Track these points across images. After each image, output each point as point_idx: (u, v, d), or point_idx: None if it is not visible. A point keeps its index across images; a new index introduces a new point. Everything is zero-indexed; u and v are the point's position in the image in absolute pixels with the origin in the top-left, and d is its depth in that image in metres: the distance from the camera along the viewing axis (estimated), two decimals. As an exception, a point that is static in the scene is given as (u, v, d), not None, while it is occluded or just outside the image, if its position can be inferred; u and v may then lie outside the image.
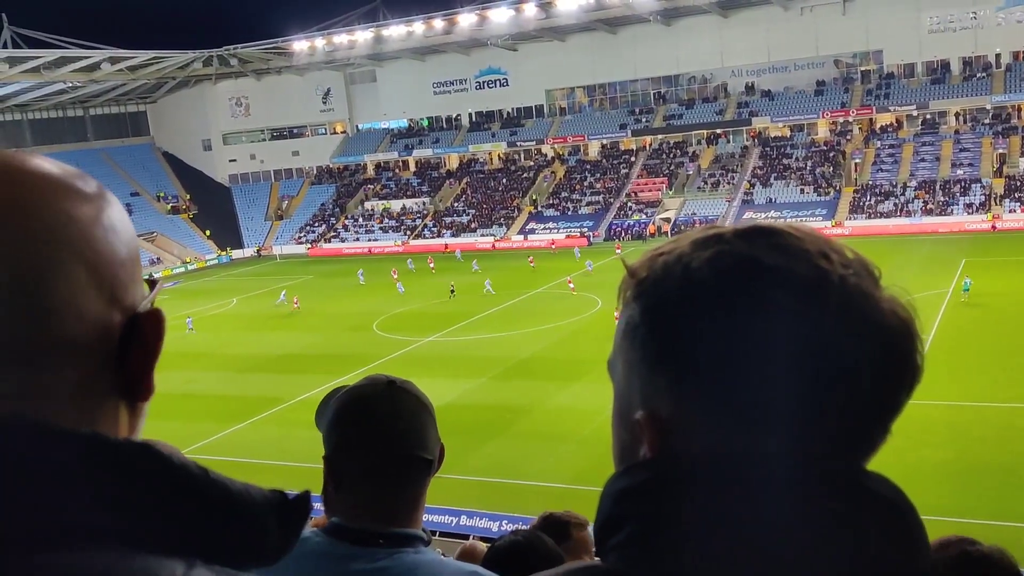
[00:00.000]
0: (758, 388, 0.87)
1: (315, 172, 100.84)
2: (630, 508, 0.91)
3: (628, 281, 0.97)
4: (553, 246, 72.73)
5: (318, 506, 1.81)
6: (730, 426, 0.89)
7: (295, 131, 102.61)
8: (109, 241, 0.89)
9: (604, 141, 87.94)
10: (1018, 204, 65.12)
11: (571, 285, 52.60)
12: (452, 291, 54.13)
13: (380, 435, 2.01)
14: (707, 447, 0.90)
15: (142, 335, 0.92)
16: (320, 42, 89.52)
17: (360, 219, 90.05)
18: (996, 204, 65.86)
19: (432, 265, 66.34)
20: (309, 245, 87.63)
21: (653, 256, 0.97)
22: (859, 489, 0.89)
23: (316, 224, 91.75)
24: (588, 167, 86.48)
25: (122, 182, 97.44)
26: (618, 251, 66.07)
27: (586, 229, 76.71)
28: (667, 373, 0.92)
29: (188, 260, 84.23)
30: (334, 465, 2.04)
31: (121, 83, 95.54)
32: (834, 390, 0.87)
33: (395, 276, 60.03)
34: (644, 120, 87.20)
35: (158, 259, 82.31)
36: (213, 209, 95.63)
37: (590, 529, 4.25)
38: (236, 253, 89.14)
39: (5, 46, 78.77)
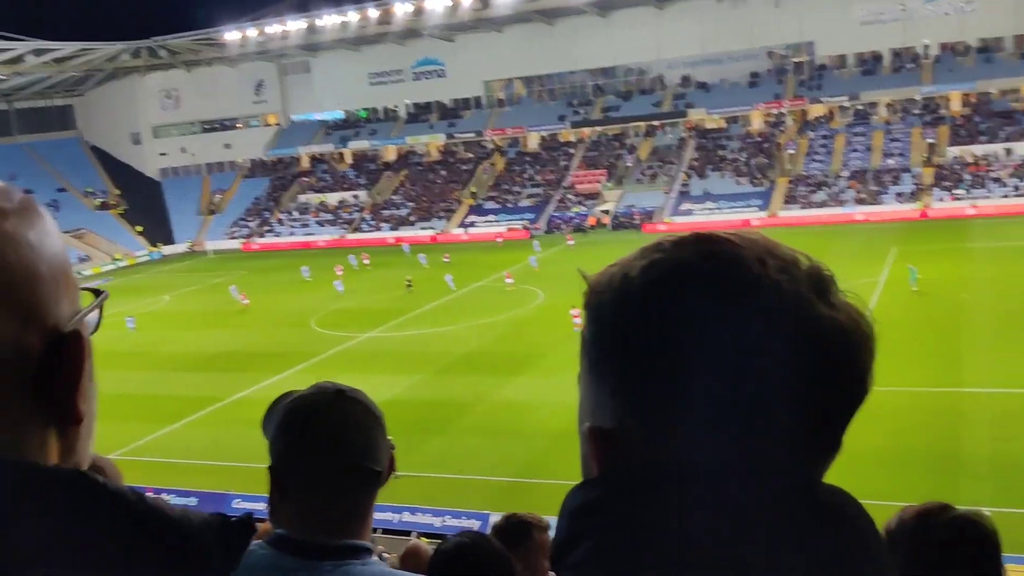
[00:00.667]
0: (693, 397, 0.86)
1: (248, 165, 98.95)
2: (585, 525, 0.89)
3: (586, 292, 0.97)
4: (499, 240, 72.24)
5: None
6: (673, 437, 0.88)
7: (227, 123, 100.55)
8: (23, 258, 0.85)
9: (543, 133, 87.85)
10: (947, 193, 66.65)
11: (509, 280, 51.93)
12: (408, 284, 52.97)
13: (326, 445, 1.95)
14: (655, 459, 0.89)
15: (62, 358, 0.88)
16: (252, 32, 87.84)
17: (295, 213, 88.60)
18: (926, 193, 67.33)
19: (367, 262, 64.77)
20: (243, 240, 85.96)
21: (607, 267, 0.96)
22: (811, 501, 0.87)
23: (250, 218, 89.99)
24: (528, 159, 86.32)
25: (48, 177, 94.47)
26: (570, 242, 66.20)
27: (527, 222, 76.55)
28: (607, 384, 0.91)
29: (118, 257, 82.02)
30: (278, 474, 1.98)
31: (46, 76, 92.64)
32: (765, 398, 0.86)
33: (340, 273, 58.66)
34: (583, 112, 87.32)
35: (87, 257, 79.98)
36: (143, 204, 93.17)
37: (551, 532, 4.01)
38: (167, 249, 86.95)
39: (-80, 36, 75.73)
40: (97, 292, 0.96)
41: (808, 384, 0.86)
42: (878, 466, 22.55)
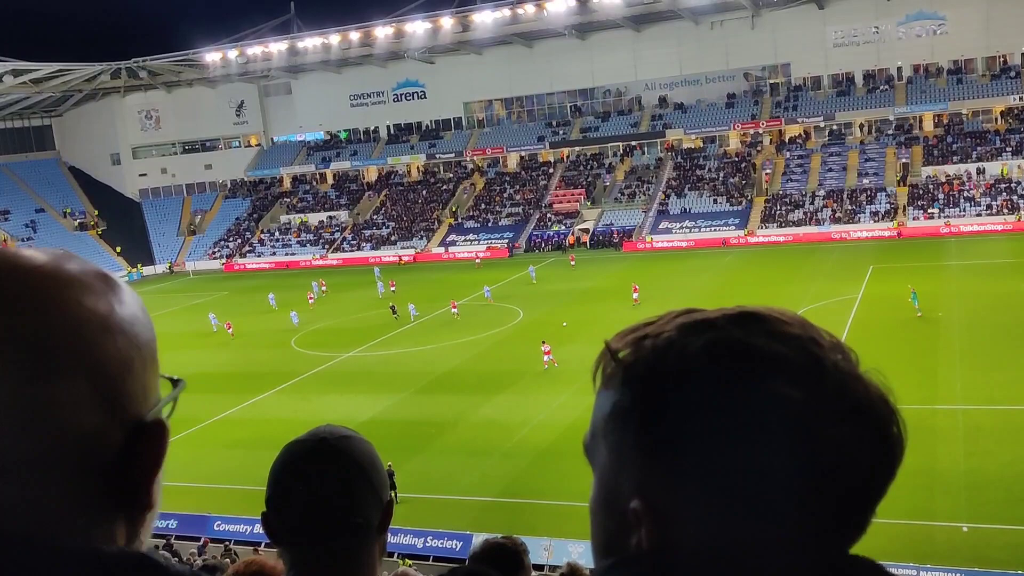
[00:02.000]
0: (759, 477, 0.86)
1: (229, 186, 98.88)
2: None
3: (610, 362, 0.95)
4: (478, 260, 72.31)
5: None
6: (729, 516, 0.87)
7: (208, 144, 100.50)
8: (118, 348, 0.86)
9: (523, 153, 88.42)
10: (921, 212, 67.57)
11: (455, 310, 49.92)
12: (394, 311, 51.12)
13: (305, 497, 1.87)
14: (704, 538, 0.88)
15: (143, 449, 0.89)
16: (233, 54, 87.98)
17: (276, 233, 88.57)
18: (901, 212, 68.23)
19: (324, 288, 62.74)
20: (224, 260, 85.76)
21: (637, 338, 0.95)
22: None
23: (231, 239, 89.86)
24: (507, 179, 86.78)
25: (26, 198, 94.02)
26: (572, 262, 65.19)
27: (507, 241, 76.89)
28: (665, 461, 0.90)
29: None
30: (267, 520, 1.92)
31: (24, 96, 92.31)
32: (833, 476, 0.86)
33: (311, 301, 58.19)
34: (561, 132, 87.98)
35: (65, 277, 79.38)
36: (123, 225, 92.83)
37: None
38: (147, 270, 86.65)
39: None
40: (175, 381, 0.96)
41: (870, 460, 0.88)
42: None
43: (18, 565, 0.78)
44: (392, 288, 60.23)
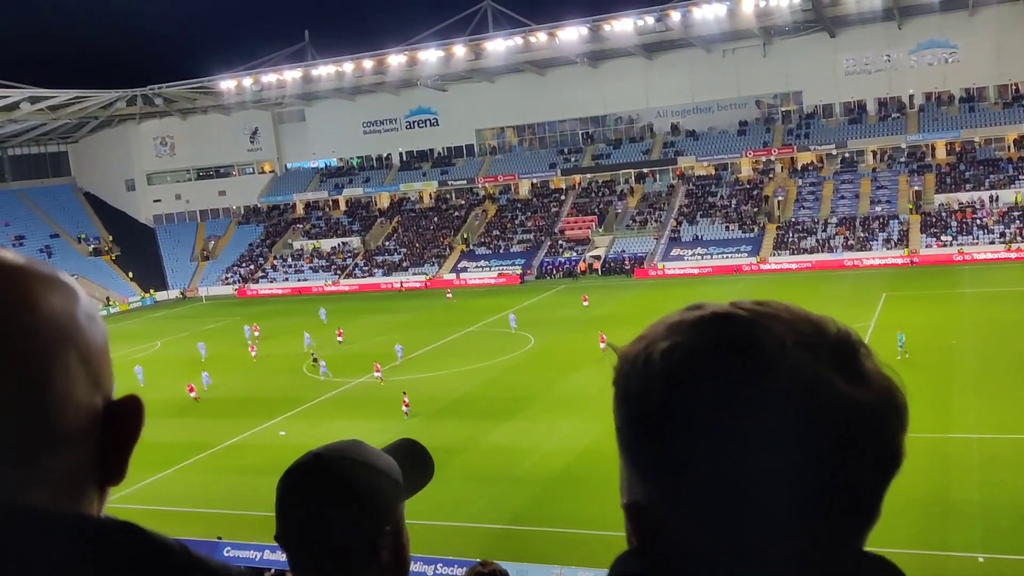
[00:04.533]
0: (717, 482, 0.86)
1: (242, 212, 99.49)
2: None
3: (616, 363, 0.96)
4: (449, 294, 69.22)
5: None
6: (704, 519, 0.88)
7: (222, 171, 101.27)
8: (92, 330, 0.93)
9: (534, 180, 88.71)
10: (934, 239, 67.39)
11: (378, 374, 42.87)
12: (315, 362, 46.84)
13: (289, 516, 1.79)
14: (690, 539, 0.89)
15: (123, 421, 0.94)
16: (247, 82, 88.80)
17: (289, 259, 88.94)
18: (913, 239, 68.05)
19: (257, 333, 57.83)
20: (236, 286, 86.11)
21: (635, 340, 0.96)
22: (856, 574, 0.89)
23: (244, 265, 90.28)
24: (519, 206, 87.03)
25: (41, 223, 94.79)
26: (585, 303, 58.66)
27: (518, 267, 77.00)
28: (638, 468, 0.92)
29: (111, 303, 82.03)
30: (279, 543, 1.84)
31: (41, 123, 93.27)
32: (789, 479, 0.85)
33: (256, 335, 56.74)
34: (573, 159, 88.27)
35: (79, 302, 79.80)
36: (136, 250, 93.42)
37: None
38: (160, 295, 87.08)
39: (-83, 84, 76.36)
40: None
41: (831, 463, 0.86)
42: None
43: (28, 534, 0.83)
44: (256, 333, 57.10)
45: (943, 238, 67.12)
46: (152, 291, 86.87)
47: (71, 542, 0.84)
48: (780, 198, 76.88)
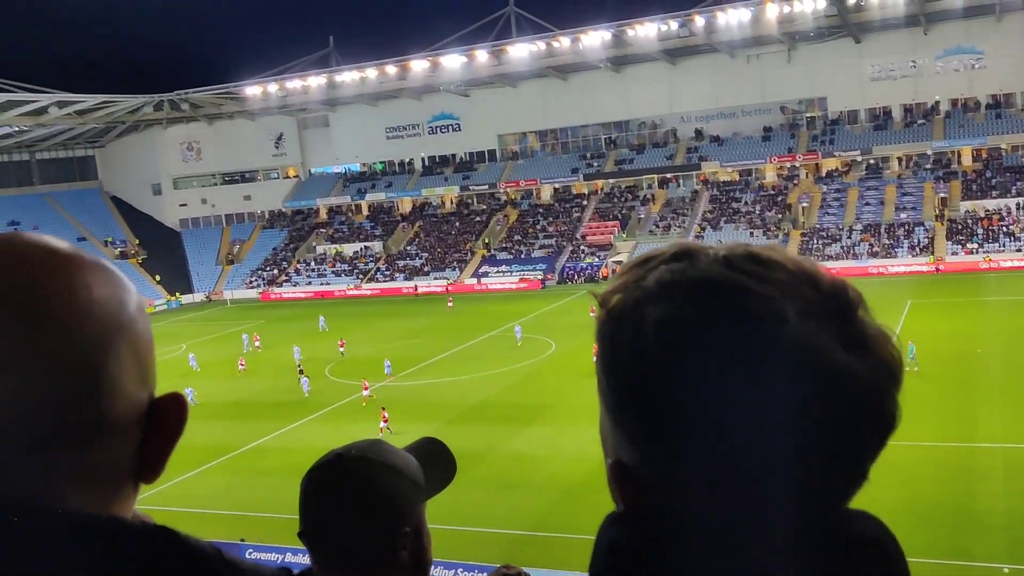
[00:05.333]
0: (709, 449, 0.84)
1: (267, 216, 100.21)
2: (615, 564, 0.91)
3: (598, 310, 0.94)
4: (450, 303, 68.18)
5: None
6: (693, 484, 0.87)
7: (247, 175, 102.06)
8: (143, 322, 0.93)
9: (556, 185, 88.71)
10: (960, 246, 66.75)
11: (367, 392, 41.30)
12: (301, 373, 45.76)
13: (312, 516, 1.82)
14: (678, 501, 0.88)
15: (166, 418, 0.93)
16: (273, 87, 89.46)
17: (312, 263, 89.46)
18: (939, 247, 67.45)
19: (258, 344, 56.98)
20: (260, 290, 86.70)
21: (616, 287, 0.93)
22: (842, 533, 0.88)
23: (268, 268, 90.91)
24: (541, 211, 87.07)
25: (68, 227, 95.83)
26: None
27: (539, 272, 77.01)
28: (624, 431, 0.90)
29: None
30: (302, 540, 1.86)
31: (69, 127, 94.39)
32: (784, 445, 0.84)
33: (257, 346, 56.25)
34: (595, 164, 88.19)
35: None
36: (162, 254, 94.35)
37: None
38: (186, 298, 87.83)
39: (-51, 89, 77.49)
40: None
41: (829, 432, 0.85)
42: (891, 521, 22.18)
43: (58, 536, 0.83)
44: (256, 344, 56.35)
45: (969, 245, 66.50)
46: (178, 294, 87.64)
47: (109, 546, 0.84)
48: (805, 204, 76.45)
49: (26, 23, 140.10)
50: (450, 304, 67.34)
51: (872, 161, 78.33)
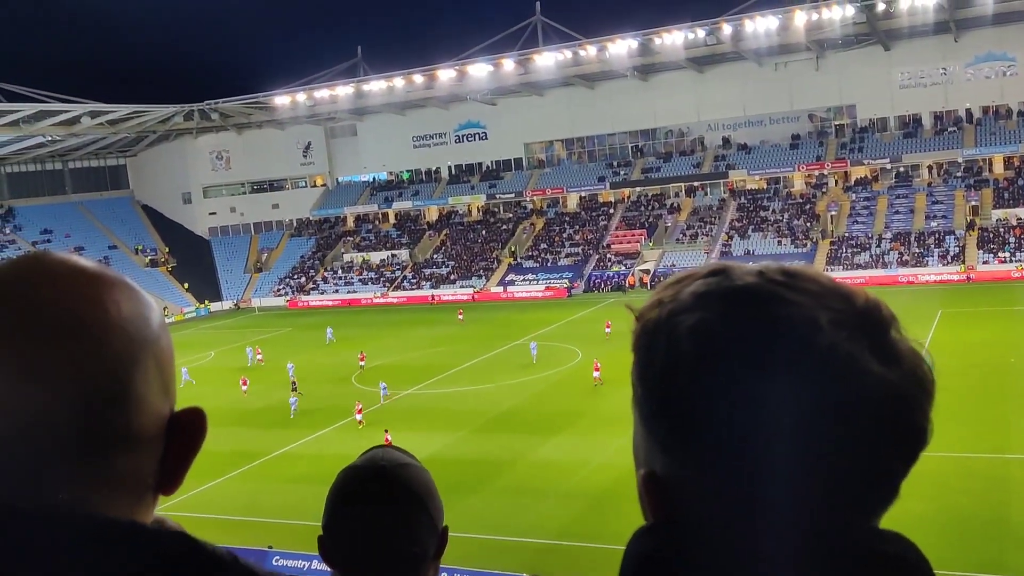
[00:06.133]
0: (742, 460, 0.85)
1: (295, 225, 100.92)
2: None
3: (634, 325, 0.95)
4: (461, 315, 68.42)
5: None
6: (727, 496, 0.87)
7: (276, 184, 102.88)
8: (165, 338, 0.95)
9: (583, 193, 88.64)
10: (992, 255, 65.93)
11: (359, 416, 39.39)
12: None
13: (361, 526, 1.86)
14: (709, 514, 0.88)
15: (187, 432, 0.96)
16: (301, 97, 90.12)
17: (339, 271, 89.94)
18: (970, 255, 66.65)
19: (260, 358, 55.95)
20: (288, 297, 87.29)
21: (654, 303, 0.95)
22: (871, 551, 0.87)
23: (296, 276, 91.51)
24: (567, 219, 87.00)
25: (100, 235, 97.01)
26: None
27: (565, 280, 76.93)
28: (657, 440, 0.91)
29: (166, 313, 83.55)
30: (323, 545, 1.91)
31: (101, 136, 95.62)
32: (817, 459, 0.84)
33: (259, 359, 55.77)
34: (622, 173, 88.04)
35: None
36: (192, 262, 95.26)
37: None
38: (215, 306, 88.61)
39: (-16, 100, 78.72)
40: None
41: (860, 443, 0.85)
42: (922, 532, 22.01)
43: (79, 540, 0.86)
44: (259, 358, 55.25)
45: (1001, 254, 65.64)
46: (207, 302, 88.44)
47: (126, 550, 0.86)
48: (833, 213, 75.85)
49: (61, 35, 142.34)
50: (461, 317, 66.16)
51: (902, 169, 77.60)
